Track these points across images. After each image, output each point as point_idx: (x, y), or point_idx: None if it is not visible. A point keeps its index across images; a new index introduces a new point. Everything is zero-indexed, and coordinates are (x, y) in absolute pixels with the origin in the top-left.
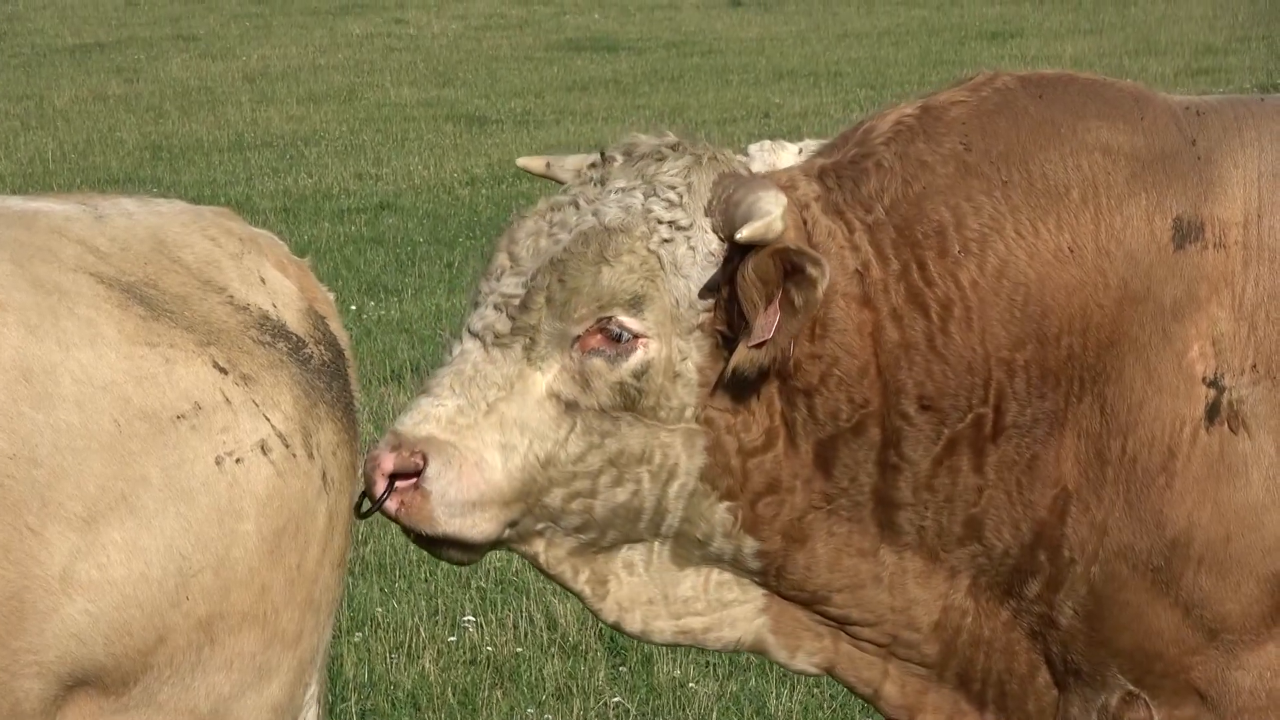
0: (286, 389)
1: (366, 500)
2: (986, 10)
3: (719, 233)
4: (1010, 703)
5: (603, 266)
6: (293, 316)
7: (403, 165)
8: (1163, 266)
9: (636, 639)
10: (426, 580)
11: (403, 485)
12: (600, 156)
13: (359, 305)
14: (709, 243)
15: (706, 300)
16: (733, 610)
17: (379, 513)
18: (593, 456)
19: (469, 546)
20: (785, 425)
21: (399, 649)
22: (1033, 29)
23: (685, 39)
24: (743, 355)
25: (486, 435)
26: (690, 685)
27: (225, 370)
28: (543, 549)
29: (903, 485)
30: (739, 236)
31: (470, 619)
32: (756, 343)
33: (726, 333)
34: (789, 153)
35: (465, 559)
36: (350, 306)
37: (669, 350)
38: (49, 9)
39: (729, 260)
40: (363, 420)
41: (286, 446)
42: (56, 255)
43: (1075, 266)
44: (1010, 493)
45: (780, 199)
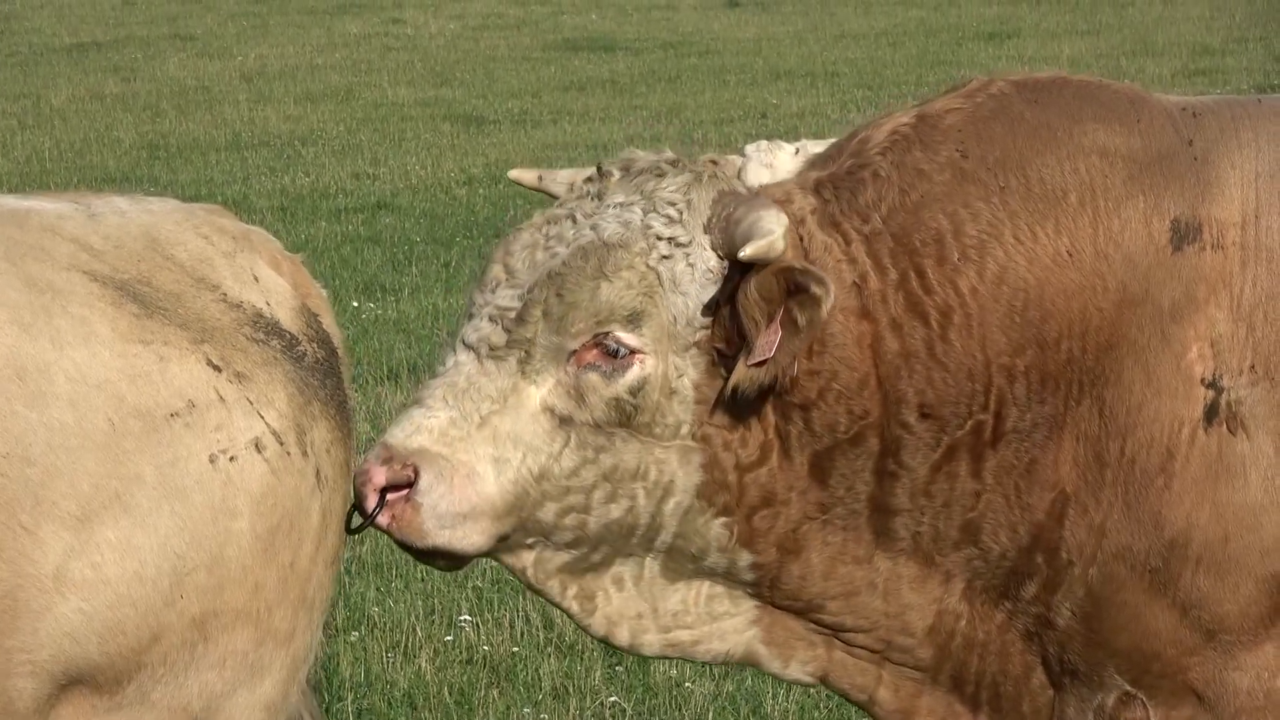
0: (280, 387)
1: (358, 515)
2: (984, 11)
3: (718, 251)
4: (1005, 704)
5: (601, 281)
6: (286, 314)
7: (400, 165)
8: (1161, 268)
9: (626, 652)
10: (423, 580)
11: (394, 498)
12: (597, 171)
13: (356, 304)
14: (707, 260)
15: (704, 318)
16: (723, 623)
17: (372, 527)
18: (587, 471)
19: (457, 558)
20: (779, 439)
21: (395, 648)
22: (1030, 29)
23: (682, 39)
24: (743, 374)
25: (479, 448)
26: (686, 685)
27: (219, 368)
28: (531, 563)
29: (900, 492)
30: (742, 255)
31: (467, 618)
32: (757, 361)
33: (724, 350)
34: (786, 153)
35: (453, 568)
36: (349, 305)
37: (666, 367)
38: (46, 8)
39: (728, 278)
40: (359, 420)
41: (280, 444)
42: (50, 254)
43: (1074, 270)
44: (1008, 497)
45: (781, 218)
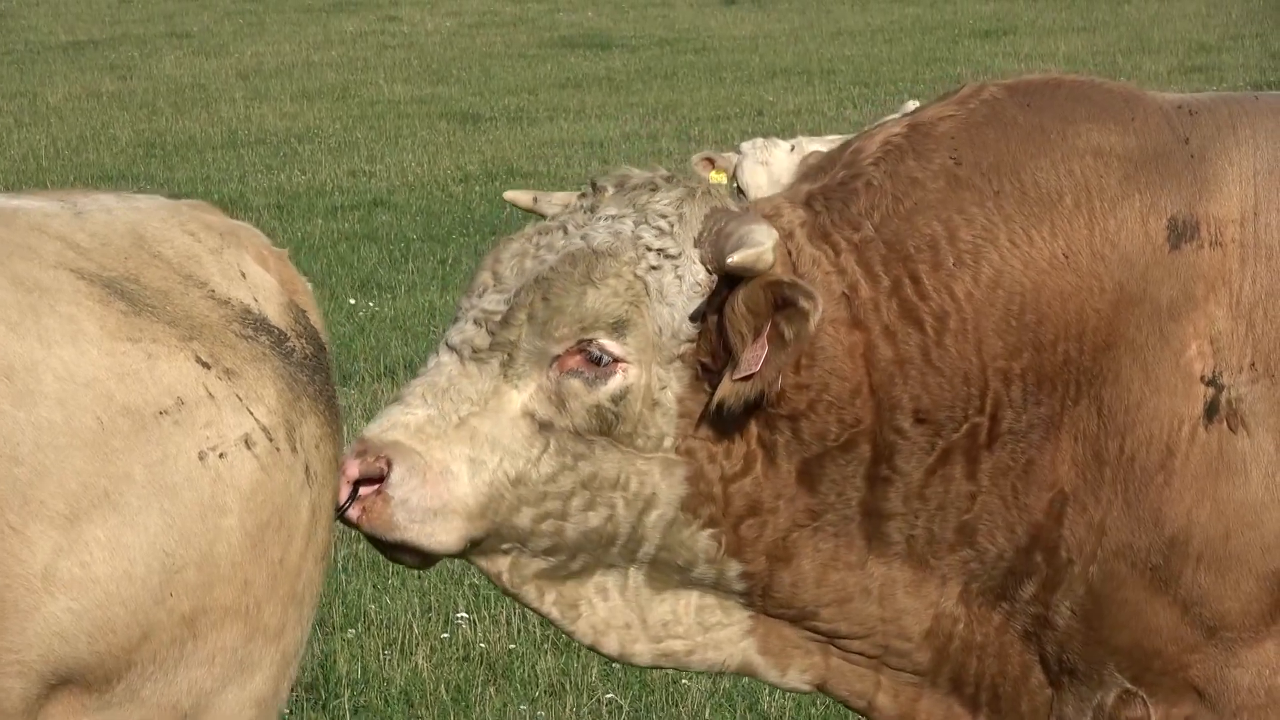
0: (270, 383)
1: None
2: (980, 8)
3: (707, 264)
4: (1003, 704)
5: (588, 288)
6: (274, 310)
7: (396, 162)
8: (1158, 267)
9: (616, 661)
10: (420, 577)
11: (366, 491)
12: (590, 186)
13: (353, 302)
14: (696, 273)
15: (690, 331)
16: (716, 633)
17: (340, 521)
18: (565, 478)
19: (424, 555)
20: (763, 448)
21: (392, 645)
22: (1026, 27)
23: (679, 36)
24: (728, 389)
25: (455, 448)
26: (683, 681)
27: (208, 365)
28: (507, 568)
29: (893, 496)
30: (729, 261)
31: (463, 615)
32: (742, 376)
33: (709, 364)
34: (781, 150)
35: (419, 565)
36: (345, 303)
37: (649, 378)
38: (42, 6)
39: (715, 292)
40: (357, 417)
41: (270, 441)
42: (36, 252)
43: (1070, 273)
44: (1005, 498)
45: (771, 232)
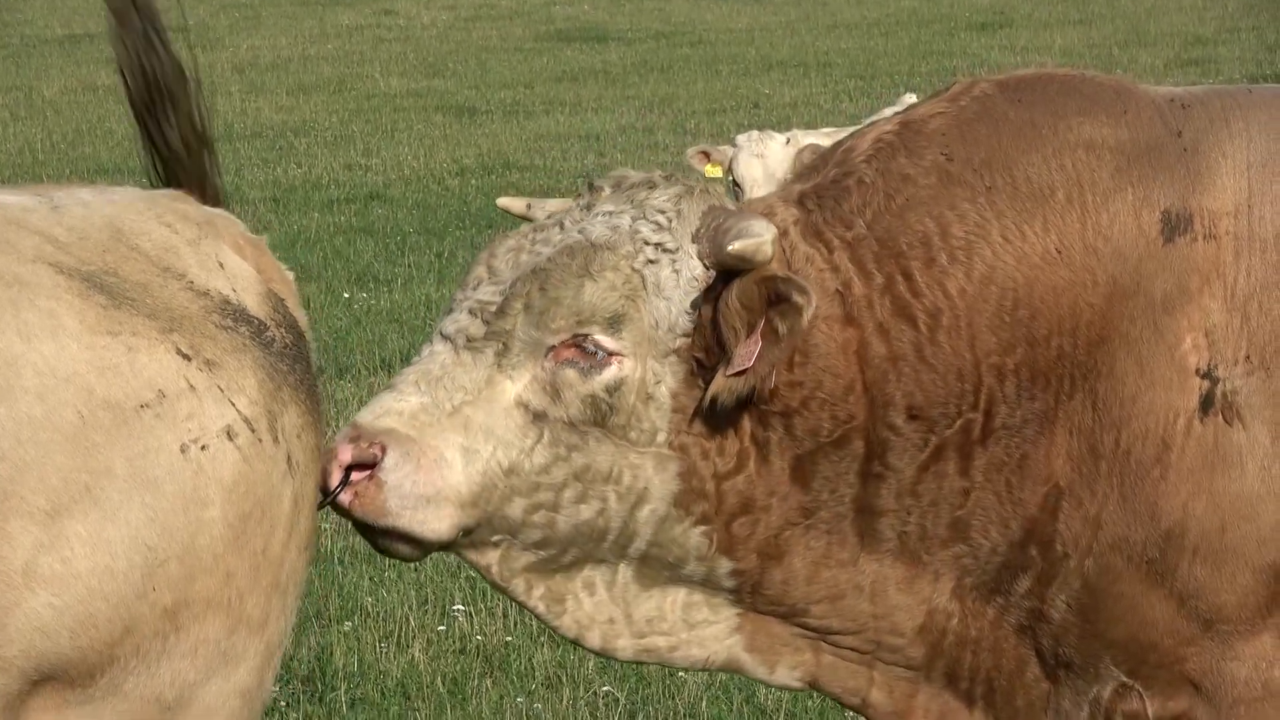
0: (251, 373)
1: (320, 494)
2: (976, 1)
3: (704, 259)
4: (999, 699)
5: (586, 280)
6: (253, 300)
7: (392, 156)
8: (1152, 260)
9: (598, 655)
10: (416, 569)
11: (358, 477)
12: (587, 186)
13: (349, 295)
14: (693, 268)
15: (686, 325)
16: (701, 630)
17: (331, 507)
18: (557, 469)
19: (416, 543)
20: (756, 445)
21: (388, 638)
22: (1022, 19)
23: (675, 29)
24: (721, 384)
25: (449, 435)
26: (680, 675)
27: (189, 357)
28: (496, 561)
29: (885, 493)
30: (730, 249)
31: (460, 608)
32: (736, 371)
33: (703, 360)
34: (777, 143)
35: (410, 555)
36: (341, 296)
37: (644, 372)
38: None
39: (711, 288)
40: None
41: (252, 431)
42: (14, 247)
43: (1063, 267)
44: (999, 493)
45: (770, 227)
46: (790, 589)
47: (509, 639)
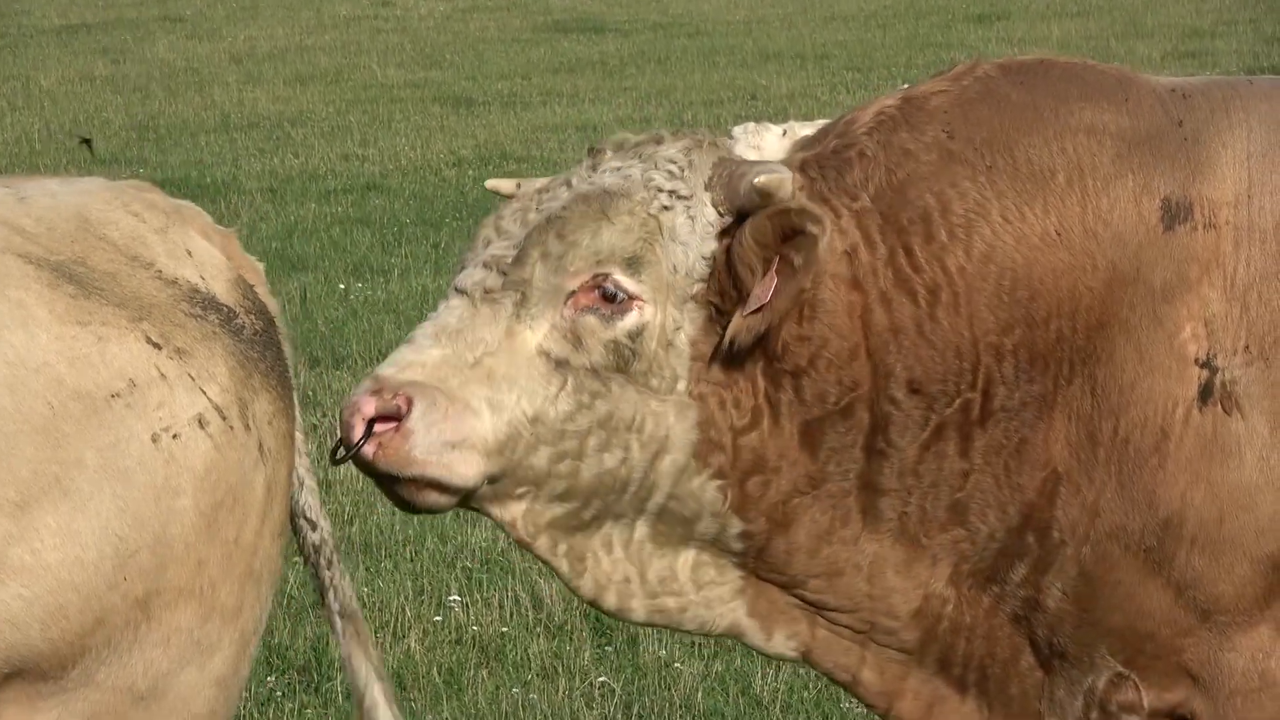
0: (221, 361)
1: (342, 448)
2: None
3: (719, 206)
4: (992, 686)
5: (603, 223)
6: (222, 287)
7: (389, 146)
8: (1152, 248)
9: (613, 616)
10: (412, 560)
11: (382, 429)
12: (589, 150)
13: (345, 286)
14: (708, 215)
15: (703, 270)
16: (708, 591)
17: (352, 461)
18: (582, 417)
19: (444, 489)
20: (769, 404)
21: (384, 628)
22: (1020, 11)
23: (672, 20)
24: (739, 324)
25: (473, 388)
26: (676, 665)
27: (159, 345)
28: (520, 515)
29: (888, 471)
30: (756, 181)
31: (456, 599)
32: (753, 309)
33: (720, 305)
34: (774, 134)
35: (438, 504)
36: (338, 287)
37: (664, 318)
38: None
39: (726, 233)
40: None
41: (224, 419)
42: None
43: (1063, 250)
44: (998, 476)
45: (786, 169)
46: (792, 559)
47: (504, 630)
